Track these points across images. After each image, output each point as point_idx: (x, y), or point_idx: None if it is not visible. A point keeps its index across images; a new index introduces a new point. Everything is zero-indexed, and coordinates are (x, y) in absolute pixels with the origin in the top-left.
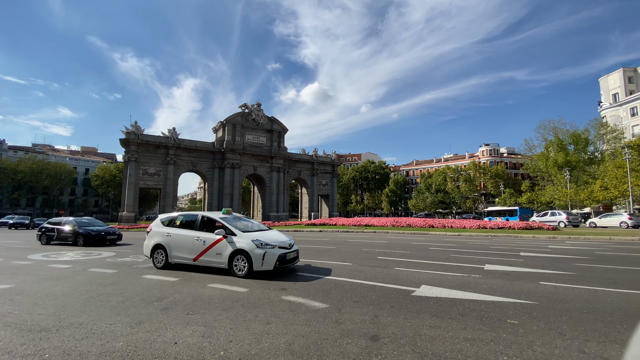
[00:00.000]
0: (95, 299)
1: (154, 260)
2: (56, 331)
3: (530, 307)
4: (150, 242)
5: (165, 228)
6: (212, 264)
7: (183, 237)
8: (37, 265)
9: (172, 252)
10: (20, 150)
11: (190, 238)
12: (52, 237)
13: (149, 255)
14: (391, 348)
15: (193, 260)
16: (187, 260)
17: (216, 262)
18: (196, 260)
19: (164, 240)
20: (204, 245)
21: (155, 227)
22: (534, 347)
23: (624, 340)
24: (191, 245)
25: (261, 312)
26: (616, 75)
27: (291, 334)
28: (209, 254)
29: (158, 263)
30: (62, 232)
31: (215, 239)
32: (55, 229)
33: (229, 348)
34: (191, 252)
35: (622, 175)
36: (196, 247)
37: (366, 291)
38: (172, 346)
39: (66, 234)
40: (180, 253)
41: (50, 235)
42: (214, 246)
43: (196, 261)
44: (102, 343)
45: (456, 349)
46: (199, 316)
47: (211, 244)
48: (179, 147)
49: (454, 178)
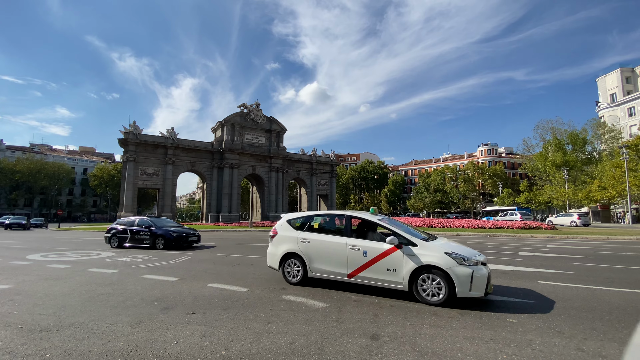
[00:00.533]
0: (95, 298)
1: (285, 274)
2: (57, 331)
3: (529, 306)
4: (278, 250)
5: (297, 232)
6: (381, 283)
7: (329, 245)
8: (36, 266)
9: (313, 264)
10: (18, 150)
11: (340, 246)
12: (124, 239)
13: (276, 266)
14: (391, 347)
15: (348, 277)
16: (338, 276)
17: (388, 282)
18: (353, 276)
19: (300, 247)
20: (365, 257)
21: (283, 230)
22: (532, 346)
23: (622, 339)
24: (343, 256)
25: (261, 311)
26: (614, 76)
27: (292, 333)
28: (374, 270)
29: (292, 277)
30: (138, 234)
31: (383, 250)
32: (128, 230)
33: (230, 347)
34: (344, 266)
35: (620, 175)
36: (352, 259)
37: (366, 290)
38: (173, 345)
39: (142, 236)
40: (327, 265)
41: (122, 237)
42: (382, 259)
43: (353, 278)
44: (103, 343)
45: (456, 348)
46: (200, 316)
47: (377, 256)
48: (177, 147)
49: (452, 178)
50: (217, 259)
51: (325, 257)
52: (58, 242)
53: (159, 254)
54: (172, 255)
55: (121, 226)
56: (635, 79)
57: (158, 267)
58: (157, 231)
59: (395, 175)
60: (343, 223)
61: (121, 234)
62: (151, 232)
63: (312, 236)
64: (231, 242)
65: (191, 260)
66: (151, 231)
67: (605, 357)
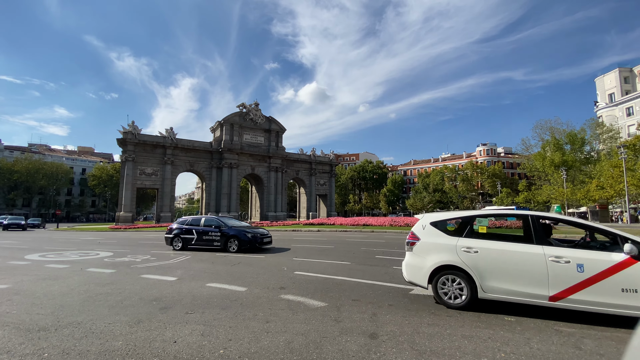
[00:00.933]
0: (94, 298)
1: (440, 294)
2: (55, 330)
3: (527, 305)
4: (426, 262)
5: (454, 238)
6: (611, 309)
7: (515, 256)
8: (35, 266)
9: (488, 282)
10: (16, 150)
11: (535, 258)
12: (189, 240)
13: (422, 282)
14: (390, 345)
15: (550, 300)
16: (533, 298)
17: (624, 307)
18: (559, 299)
19: (463, 259)
20: (582, 273)
21: (428, 235)
22: (530, 344)
23: (620, 337)
24: (541, 272)
25: (260, 310)
26: (612, 76)
27: (290, 332)
28: (598, 291)
29: (451, 298)
30: (206, 234)
31: (614, 262)
32: (194, 230)
33: (229, 346)
34: (543, 285)
35: (618, 174)
36: (558, 276)
37: (365, 290)
38: (172, 345)
39: (211, 237)
40: (513, 284)
41: (187, 239)
42: (611, 275)
43: (559, 301)
44: (102, 342)
45: (454, 346)
46: (198, 315)
47: (603, 271)
48: (176, 147)
49: (451, 178)
50: (215, 258)
51: (510, 272)
52: (56, 242)
53: (158, 254)
54: (171, 255)
55: (185, 226)
56: (634, 78)
57: (157, 267)
58: (229, 231)
59: (394, 175)
60: (524, 225)
61: (186, 234)
62: (222, 232)
63: (482, 244)
64: None
65: (190, 260)
66: (222, 231)
67: (602, 356)
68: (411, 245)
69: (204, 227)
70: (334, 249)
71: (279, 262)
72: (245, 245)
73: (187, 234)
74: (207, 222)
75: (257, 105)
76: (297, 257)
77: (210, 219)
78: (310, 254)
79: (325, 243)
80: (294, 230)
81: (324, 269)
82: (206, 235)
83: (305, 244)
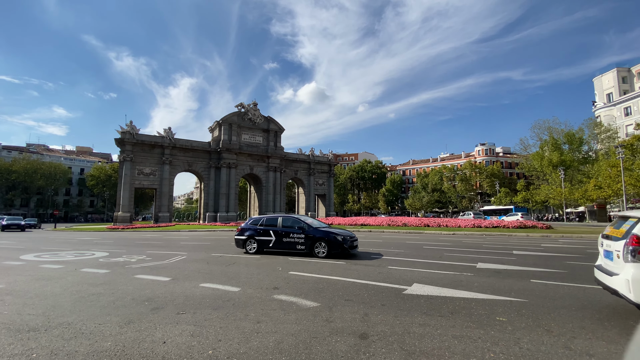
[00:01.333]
0: (86, 299)
1: None
2: (45, 331)
3: (520, 304)
4: None
5: None
6: None
7: None
8: (29, 266)
9: None
10: (14, 150)
11: None
12: (266, 242)
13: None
14: (379, 346)
15: None
16: None
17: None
18: None
19: None
20: None
21: None
22: (520, 344)
23: (610, 337)
24: None
25: (252, 311)
26: (610, 76)
27: (281, 333)
28: None
29: None
30: (286, 236)
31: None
32: (271, 231)
33: (218, 347)
34: None
35: (616, 174)
36: None
37: (358, 290)
38: (161, 345)
39: (293, 239)
40: None
41: (263, 241)
42: None
43: None
44: (90, 343)
45: (444, 346)
46: (190, 315)
47: None
48: (174, 147)
49: (450, 177)
50: (211, 258)
51: None
52: (53, 242)
53: (153, 254)
54: (166, 255)
55: (260, 226)
56: (631, 78)
57: (151, 267)
58: (315, 233)
59: (393, 175)
60: None
61: (262, 235)
62: (307, 234)
63: None
64: (227, 242)
65: (185, 260)
66: (307, 233)
67: (592, 356)
68: (636, 254)
69: (283, 227)
70: None
71: (273, 262)
72: (336, 249)
73: (263, 235)
74: (286, 222)
75: (256, 105)
76: (293, 257)
77: (289, 218)
78: None
79: None
80: None
81: (318, 269)
82: (287, 237)
83: None
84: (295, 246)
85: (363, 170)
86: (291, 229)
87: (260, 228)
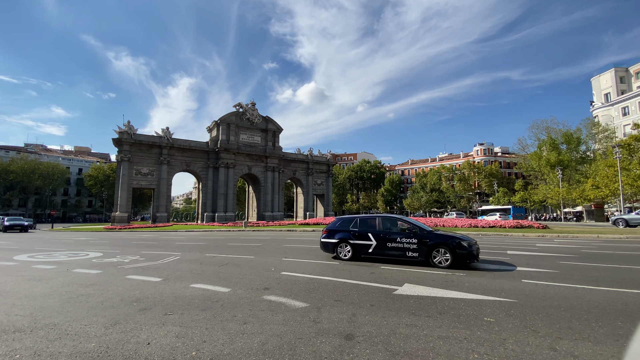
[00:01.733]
0: (75, 299)
1: None
2: (30, 332)
3: (509, 305)
4: None
5: None
6: None
7: None
8: (22, 266)
9: None
10: (11, 150)
11: None
12: (364, 247)
13: None
14: (364, 347)
15: None
16: None
17: None
18: None
19: None
20: None
21: None
22: (505, 345)
23: (597, 338)
24: None
25: (240, 312)
26: (608, 75)
27: (266, 334)
28: None
29: None
30: (392, 240)
31: None
32: (369, 234)
33: (202, 348)
34: None
35: (613, 174)
36: None
37: (348, 290)
38: (145, 347)
39: (401, 244)
40: None
41: (359, 245)
42: None
43: None
44: (74, 344)
45: (429, 347)
46: (177, 316)
47: None
48: (172, 147)
49: (448, 177)
50: (204, 259)
51: None
52: (48, 242)
53: (148, 254)
54: (159, 256)
55: (354, 228)
56: (629, 78)
57: (144, 268)
58: (432, 237)
59: (392, 175)
60: None
61: (358, 239)
62: (420, 238)
63: None
64: (223, 242)
65: (178, 261)
66: (420, 237)
67: (577, 357)
68: None
69: (384, 229)
70: None
71: (266, 262)
72: (462, 258)
73: (359, 238)
74: (387, 223)
75: (254, 105)
76: (286, 257)
77: (390, 218)
78: (300, 254)
79: (317, 243)
80: (289, 230)
81: (311, 269)
82: (393, 242)
83: (295, 244)
84: (405, 253)
85: (362, 170)
86: (396, 232)
87: (355, 230)
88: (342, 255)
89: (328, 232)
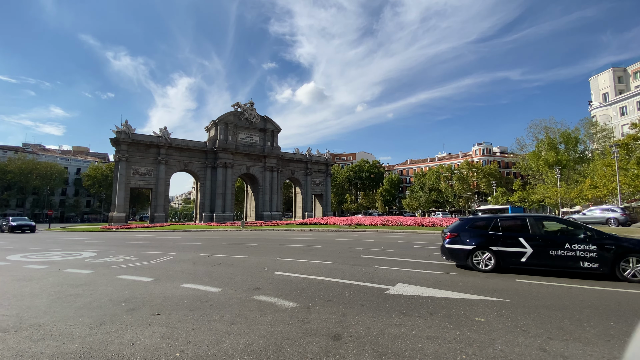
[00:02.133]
0: (63, 300)
1: None
2: (14, 332)
3: (501, 304)
4: None
5: None
6: None
7: None
8: (13, 266)
9: None
10: (9, 149)
11: None
12: (514, 255)
13: None
14: (351, 347)
15: None
16: None
17: None
18: None
19: None
20: None
21: None
22: (495, 345)
23: (587, 339)
24: None
25: (228, 312)
26: (606, 75)
27: (253, 334)
28: None
29: None
30: (559, 248)
31: None
32: (522, 240)
33: (186, 349)
34: None
35: (611, 173)
36: None
37: (340, 290)
38: (129, 348)
39: (574, 252)
40: None
41: (507, 253)
42: None
43: None
44: (57, 345)
45: (416, 348)
46: (164, 317)
47: None
48: (170, 147)
49: (447, 177)
50: (198, 259)
51: None
52: (44, 242)
53: (141, 254)
54: (153, 255)
55: (496, 232)
56: (627, 78)
57: (136, 268)
58: (617, 241)
59: (391, 175)
60: None
61: (503, 245)
62: (599, 243)
63: None
64: (219, 242)
65: (172, 261)
66: (598, 242)
67: (567, 358)
68: None
69: (541, 233)
70: (320, 248)
71: (260, 262)
72: None
73: (505, 244)
74: (540, 225)
75: (252, 105)
76: (281, 257)
77: (545, 218)
78: (294, 253)
79: (314, 243)
80: (287, 230)
81: (305, 269)
82: (559, 249)
83: (292, 244)
84: (579, 262)
85: (361, 169)
86: (560, 236)
87: (498, 234)
88: (482, 266)
89: (455, 236)
